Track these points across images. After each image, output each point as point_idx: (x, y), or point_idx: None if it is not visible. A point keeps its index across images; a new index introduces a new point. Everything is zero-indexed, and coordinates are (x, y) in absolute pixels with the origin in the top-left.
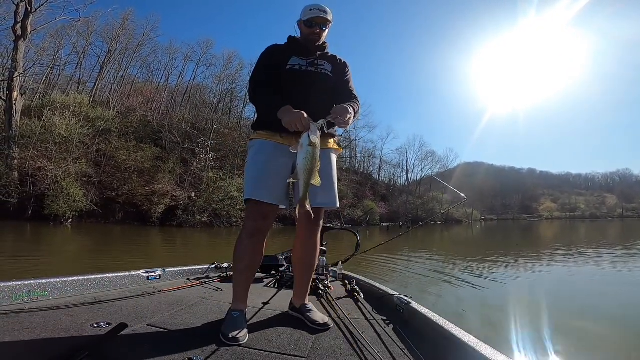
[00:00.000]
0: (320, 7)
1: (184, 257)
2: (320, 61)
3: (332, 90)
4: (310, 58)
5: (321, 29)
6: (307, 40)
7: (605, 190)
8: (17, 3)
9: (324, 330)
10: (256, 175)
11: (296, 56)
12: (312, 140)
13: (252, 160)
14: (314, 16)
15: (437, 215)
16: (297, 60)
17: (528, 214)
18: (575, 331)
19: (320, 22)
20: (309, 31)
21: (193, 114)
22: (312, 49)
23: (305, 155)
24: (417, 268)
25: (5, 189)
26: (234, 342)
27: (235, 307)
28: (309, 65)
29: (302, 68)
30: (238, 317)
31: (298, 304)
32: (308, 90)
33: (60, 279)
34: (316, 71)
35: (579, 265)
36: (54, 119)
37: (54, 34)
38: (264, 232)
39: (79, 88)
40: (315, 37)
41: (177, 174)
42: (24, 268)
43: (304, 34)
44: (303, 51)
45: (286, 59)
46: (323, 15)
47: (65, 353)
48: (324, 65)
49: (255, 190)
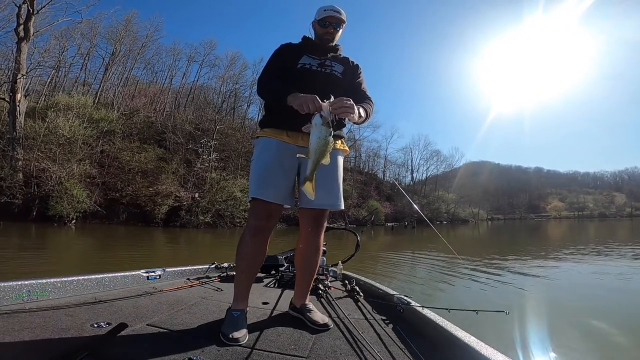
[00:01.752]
0: (334, 8)
1: (188, 258)
2: (331, 62)
3: (342, 92)
4: (322, 58)
5: (335, 28)
6: (321, 39)
7: (614, 189)
8: (19, 5)
9: (324, 331)
10: (261, 174)
11: (308, 55)
12: (325, 119)
13: (257, 159)
14: (328, 15)
15: (410, 220)
16: (308, 60)
17: (535, 213)
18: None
19: (334, 21)
20: (323, 31)
21: (196, 114)
22: (325, 49)
23: (318, 135)
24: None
25: (10, 190)
26: (233, 342)
27: (236, 307)
28: (319, 65)
29: (312, 67)
30: (238, 317)
31: (298, 304)
32: (317, 90)
33: (60, 279)
34: (326, 72)
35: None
36: (57, 121)
37: (58, 36)
38: (268, 231)
39: (84, 89)
40: (329, 36)
41: (181, 175)
42: (27, 267)
43: (318, 34)
44: (315, 50)
45: (298, 57)
46: (337, 15)
47: (65, 353)
48: (335, 66)
49: (260, 189)
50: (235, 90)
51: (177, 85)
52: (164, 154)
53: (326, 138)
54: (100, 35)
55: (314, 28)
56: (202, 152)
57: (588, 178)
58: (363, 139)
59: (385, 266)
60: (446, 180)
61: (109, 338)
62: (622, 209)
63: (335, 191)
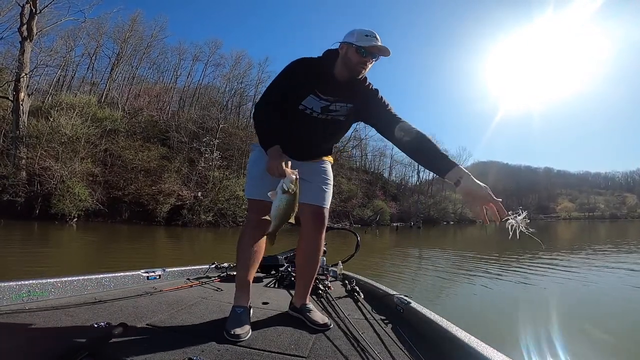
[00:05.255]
0: (377, 37)
1: (189, 257)
2: (337, 105)
3: (343, 134)
4: (329, 99)
5: (371, 60)
6: (350, 69)
7: (625, 190)
8: (22, 5)
9: (324, 331)
10: (254, 182)
11: (314, 95)
12: (285, 188)
13: (251, 166)
14: (373, 46)
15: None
16: (312, 103)
17: (545, 214)
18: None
19: (377, 53)
20: (360, 60)
21: (201, 113)
22: (339, 85)
23: (278, 203)
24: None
25: (13, 188)
26: (235, 338)
27: (238, 303)
28: (322, 110)
29: (312, 114)
30: (241, 314)
31: (298, 303)
32: (311, 133)
33: (60, 279)
34: (327, 118)
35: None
36: (60, 120)
37: (64, 36)
38: (267, 225)
39: (91, 89)
40: (362, 68)
41: (184, 174)
42: (22, 265)
43: (351, 61)
44: (326, 87)
45: (304, 94)
46: (383, 48)
47: (65, 353)
48: (340, 109)
49: (254, 189)
50: (241, 90)
51: (182, 85)
52: (168, 152)
53: (286, 205)
54: (106, 35)
55: (346, 51)
56: (204, 151)
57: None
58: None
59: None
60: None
61: (109, 338)
62: (634, 209)
63: (320, 190)
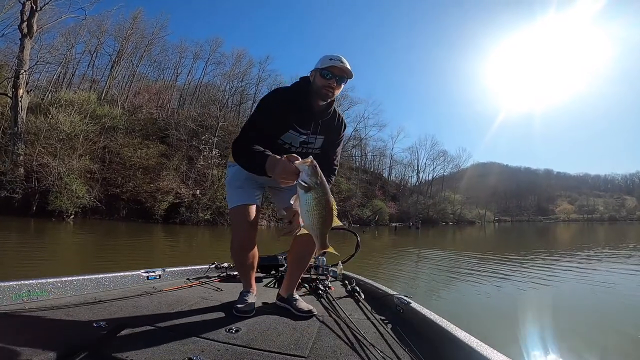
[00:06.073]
0: (340, 59)
1: (189, 256)
2: (314, 137)
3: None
4: (307, 132)
5: (338, 83)
6: (318, 92)
7: (624, 192)
8: (23, 2)
9: (308, 318)
10: (236, 191)
11: (293, 130)
12: (304, 183)
13: (231, 179)
14: (332, 66)
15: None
16: (291, 138)
17: (544, 215)
18: None
19: (338, 74)
20: (324, 83)
21: (200, 111)
22: (314, 115)
23: (305, 207)
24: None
25: (10, 184)
26: (241, 313)
27: (245, 288)
28: (300, 144)
29: (290, 148)
30: (245, 293)
31: (285, 294)
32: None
33: (60, 279)
34: (303, 152)
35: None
36: (58, 116)
37: (65, 33)
38: (256, 214)
39: (91, 86)
40: (328, 91)
41: (182, 172)
42: (17, 260)
43: (317, 85)
44: (302, 122)
45: (282, 128)
46: (343, 67)
47: (65, 353)
48: (316, 141)
49: (237, 197)
50: (242, 89)
51: (183, 83)
52: (166, 150)
53: (316, 203)
54: (107, 33)
55: (314, 77)
56: (203, 149)
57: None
58: (369, 138)
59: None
60: (453, 181)
61: (109, 338)
62: (633, 212)
63: None
